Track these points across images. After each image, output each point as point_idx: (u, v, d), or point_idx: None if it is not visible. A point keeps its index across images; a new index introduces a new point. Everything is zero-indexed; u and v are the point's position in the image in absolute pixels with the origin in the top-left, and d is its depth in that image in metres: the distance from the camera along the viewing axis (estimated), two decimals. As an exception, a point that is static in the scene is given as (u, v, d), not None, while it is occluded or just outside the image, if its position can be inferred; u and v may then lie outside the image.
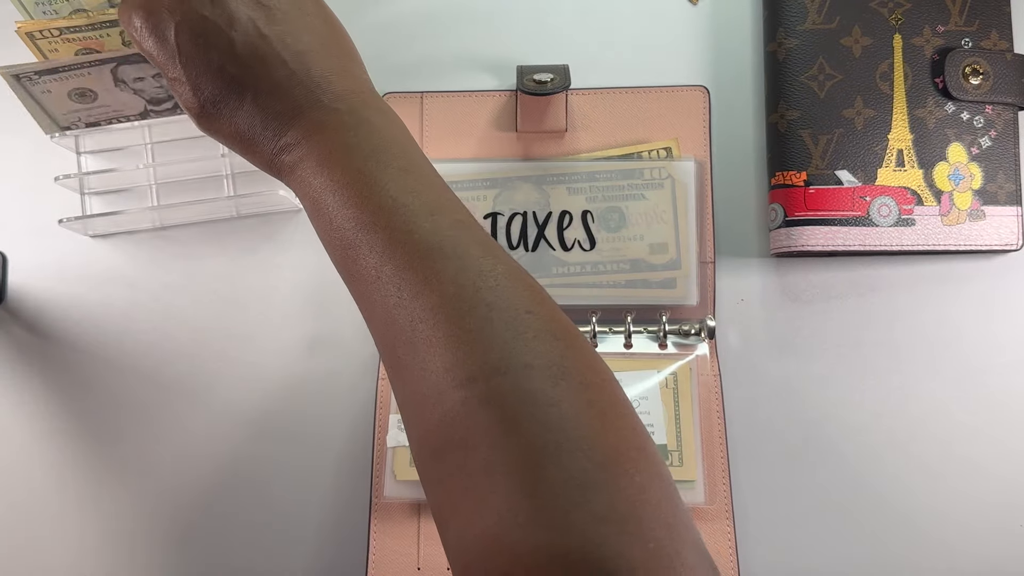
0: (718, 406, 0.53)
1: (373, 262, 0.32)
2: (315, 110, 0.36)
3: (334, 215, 0.34)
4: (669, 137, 0.57)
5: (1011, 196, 0.54)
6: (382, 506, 0.53)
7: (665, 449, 0.51)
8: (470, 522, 0.28)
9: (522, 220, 0.54)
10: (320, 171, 0.34)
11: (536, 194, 0.53)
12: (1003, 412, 0.54)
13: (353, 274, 0.34)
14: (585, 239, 0.54)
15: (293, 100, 0.36)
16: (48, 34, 0.53)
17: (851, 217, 0.54)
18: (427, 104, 0.58)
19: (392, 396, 0.53)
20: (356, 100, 0.37)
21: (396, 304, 0.31)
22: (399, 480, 0.52)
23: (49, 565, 0.55)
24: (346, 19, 0.41)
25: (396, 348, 0.32)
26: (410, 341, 0.31)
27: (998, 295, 0.56)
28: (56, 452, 0.56)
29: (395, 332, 0.32)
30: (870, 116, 0.54)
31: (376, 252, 0.32)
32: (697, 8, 0.60)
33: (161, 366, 0.57)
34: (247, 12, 0.36)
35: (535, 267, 0.53)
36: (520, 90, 0.56)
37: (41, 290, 0.58)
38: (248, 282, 0.58)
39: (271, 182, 0.58)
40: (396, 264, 0.32)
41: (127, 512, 0.55)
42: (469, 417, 0.28)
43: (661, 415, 0.52)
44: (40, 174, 0.58)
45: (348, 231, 0.33)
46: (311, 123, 0.35)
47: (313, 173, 0.35)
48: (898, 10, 0.55)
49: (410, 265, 0.31)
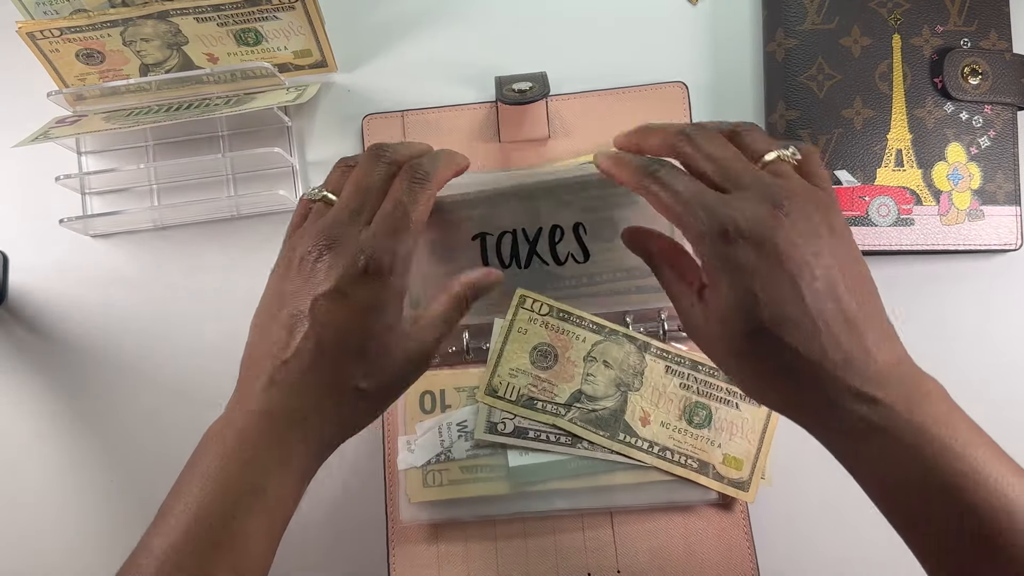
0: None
1: None
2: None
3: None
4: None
5: (1010, 196, 0.55)
6: (399, 531, 0.52)
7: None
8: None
9: (512, 238, 0.52)
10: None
11: (523, 210, 0.51)
12: (1003, 412, 0.54)
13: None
14: (579, 251, 0.52)
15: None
16: (48, 34, 0.53)
17: (850, 217, 0.54)
18: (408, 122, 0.58)
19: (400, 417, 0.53)
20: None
21: None
22: (413, 503, 0.51)
23: (49, 565, 0.55)
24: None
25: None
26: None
27: (997, 295, 0.56)
28: (56, 452, 0.56)
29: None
30: (869, 116, 0.55)
31: None
32: (697, 8, 0.60)
33: (161, 366, 0.57)
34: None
35: (530, 284, 0.53)
36: (500, 100, 0.56)
37: (41, 290, 0.58)
38: (248, 282, 0.57)
39: (271, 182, 0.59)
40: None
41: (127, 513, 0.55)
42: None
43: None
44: (40, 174, 0.58)
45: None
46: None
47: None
48: (897, 10, 0.55)
49: None
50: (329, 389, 0.36)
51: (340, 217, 0.38)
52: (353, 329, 0.36)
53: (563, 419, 0.51)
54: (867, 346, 0.33)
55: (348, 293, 0.36)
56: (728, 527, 0.52)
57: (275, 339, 0.37)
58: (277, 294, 0.38)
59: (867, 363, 0.33)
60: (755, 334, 0.34)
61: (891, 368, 0.33)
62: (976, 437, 0.32)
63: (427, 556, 0.52)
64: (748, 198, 0.34)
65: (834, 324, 0.33)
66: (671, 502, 0.52)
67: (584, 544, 0.52)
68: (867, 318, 0.34)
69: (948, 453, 0.31)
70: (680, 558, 0.51)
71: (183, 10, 0.53)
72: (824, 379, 0.33)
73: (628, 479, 0.51)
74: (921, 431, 0.32)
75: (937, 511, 0.31)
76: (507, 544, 0.52)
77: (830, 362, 0.33)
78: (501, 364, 0.52)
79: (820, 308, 0.33)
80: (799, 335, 0.33)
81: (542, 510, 0.52)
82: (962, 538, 0.31)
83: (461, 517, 0.52)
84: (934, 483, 0.31)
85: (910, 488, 0.32)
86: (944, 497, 0.31)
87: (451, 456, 0.52)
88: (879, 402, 0.32)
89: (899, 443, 0.32)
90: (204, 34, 0.55)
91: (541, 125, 0.57)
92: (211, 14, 0.53)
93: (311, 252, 0.37)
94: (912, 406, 0.32)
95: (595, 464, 0.51)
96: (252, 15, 0.54)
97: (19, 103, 0.60)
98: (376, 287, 0.36)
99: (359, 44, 0.60)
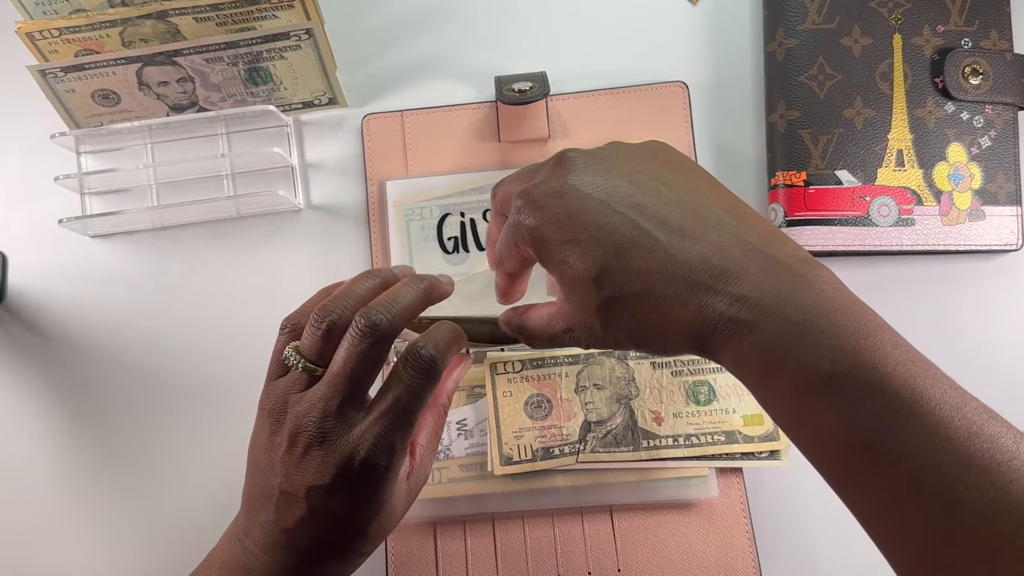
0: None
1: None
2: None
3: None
4: (651, 134, 0.57)
5: (1011, 196, 0.54)
6: (398, 528, 0.52)
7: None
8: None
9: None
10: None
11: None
12: (1003, 412, 0.54)
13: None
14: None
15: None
16: (48, 34, 0.53)
17: (851, 217, 0.54)
18: (408, 122, 0.58)
19: None
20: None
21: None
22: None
23: (49, 565, 0.55)
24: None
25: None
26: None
27: (998, 295, 0.56)
28: (56, 452, 0.56)
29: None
30: (870, 116, 0.54)
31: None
32: (697, 8, 0.60)
33: (161, 366, 0.57)
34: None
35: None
36: (500, 100, 0.56)
37: (41, 290, 0.58)
38: (248, 282, 0.58)
39: (271, 182, 0.59)
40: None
41: (127, 512, 0.55)
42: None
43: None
44: (40, 174, 0.58)
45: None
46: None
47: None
48: (898, 10, 0.55)
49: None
50: (331, 556, 0.37)
51: (329, 408, 0.35)
52: (350, 520, 0.36)
53: (584, 453, 0.51)
54: (704, 241, 0.30)
55: (344, 489, 0.35)
56: (729, 524, 0.52)
57: (273, 504, 0.36)
58: (268, 457, 0.37)
59: (707, 257, 0.30)
60: (597, 280, 0.32)
61: (744, 258, 0.30)
62: (855, 320, 0.29)
63: (426, 553, 0.52)
64: (514, 206, 0.35)
65: (648, 236, 0.31)
66: (672, 499, 0.52)
67: (584, 542, 0.52)
68: (684, 214, 0.31)
69: (832, 341, 0.28)
70: (681, 556, 0.51)
71: (182, 10, 0.53)
72: (679, 288, 0.30)
73: (629, 476, 0.51)
74: (791, 323, 0.28)
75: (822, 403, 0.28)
76: (507, 542, 0.52)
77: (675, 267, 0.30)
78: (502, 432, 0.52)
79: (624, 230, 0.31)
80: (625, 261, 0.31)
81: (542, 508, 0.52)
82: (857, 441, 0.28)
83: (460, 514, 0.52)
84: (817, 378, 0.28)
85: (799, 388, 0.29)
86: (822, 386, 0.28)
87: (450, 454, 0.52)
88: (743, 298, 0.29)
89: (772, 338, 0.29)
90: (203, 34, 0.55)
91: (541, 125, 0.57)
92: (210, 13, 0.53)
93: (300, 437, 0.35)
94: (781, 294, 0.29)
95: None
96: (251, 14, 0.54)
97: (19, 103, 0.60)
98: (373, 480, 0.35)
99: (359, 44, 0.60)
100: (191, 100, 0.57)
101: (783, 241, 0.31)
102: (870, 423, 0.27)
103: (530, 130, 0.57)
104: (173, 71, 0.55)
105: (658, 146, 0.36)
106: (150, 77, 0.55)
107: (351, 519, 0.36)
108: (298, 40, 0.54)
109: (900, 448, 0.27)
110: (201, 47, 0.54)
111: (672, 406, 0.52)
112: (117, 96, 0.56)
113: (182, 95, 0.57)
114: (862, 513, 0.29)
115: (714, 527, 0.52)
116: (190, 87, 0.56)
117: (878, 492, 0.28)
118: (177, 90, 0.57)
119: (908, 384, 0.27)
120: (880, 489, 0.28)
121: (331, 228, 0.58)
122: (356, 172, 0.58)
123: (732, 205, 0.33)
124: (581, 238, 0.32)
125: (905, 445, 0.27)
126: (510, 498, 0.52)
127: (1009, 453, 0.26)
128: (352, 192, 0.58)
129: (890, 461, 0.27)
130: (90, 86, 0.55)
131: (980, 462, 0.26)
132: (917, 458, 0.27)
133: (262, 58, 0.55)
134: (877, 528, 0.29)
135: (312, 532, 0.36)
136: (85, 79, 0.55)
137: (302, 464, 0.35)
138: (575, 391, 0.53)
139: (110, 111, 0.57)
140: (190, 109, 0.58)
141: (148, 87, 0.56)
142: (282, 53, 0.55)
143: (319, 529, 0.36)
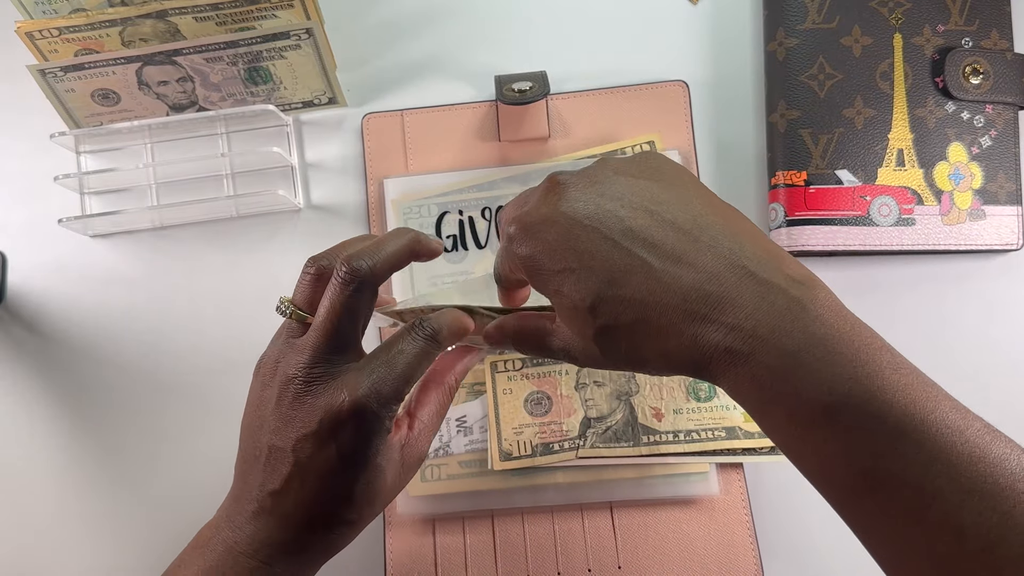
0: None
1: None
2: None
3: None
4: (652, 133, 0.57)
5: (1011, 196, 0.54)
6: (397, 524, 0.53)
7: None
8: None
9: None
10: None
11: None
12: (1003, 412, 0.54)
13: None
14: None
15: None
16: (47, 34, 0.53)
17: (851, 217, 0.54)
18: (408, 121, 0.58)
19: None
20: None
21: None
22: (412, 496, 0.52)
23: (49, 565, 0.55)
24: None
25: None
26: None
27: (998, 295, 0.56)
28: (56, 452, 0.56)
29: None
30: (870, 116, 0.54)
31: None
32: (697, 8, 0.60)
33: (161, 366, 0.57)
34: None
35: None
36: (500, 100, 0.56)
37: (41, 290, 0.58)
38: (248, 282, 0.58)
39: (271, 182, 0.59)
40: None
41: (127, 511, 0.55)
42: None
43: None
44: (40, 174, 0.58)
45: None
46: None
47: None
48: (898, 10, 0.55)
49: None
50: (317, 524, 0.36)
51: (316, 355, 0.35)
52: (337, 475, 0.35)
53: (584, 449, 0.51)
54: (698, 267, 0.30)
55: (330, 438, 0.35)
56: (730, 521, 0.52)
57: (262, 464, 0.36)
58: (259, 414, 0.37)
59: (701, 285, 0.30)
60: (592, 309, 0.31)
61: (739, 284, 0.30)
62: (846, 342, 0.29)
63: (425, 549, 0.52)
64: (506, 234, 0.35)
65: (642, 263, 0.31)
66: (673, 495, 0.52)
67: (584, 539, 0.52)
68: (678, 237, 0.31)
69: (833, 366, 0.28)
70: (682, 552, 0.51)
71: (182, 9, 0.53)
72: (673, 318, 0.30)
73: (629, 472, 0.51)
74: (786, 354, 0.28)
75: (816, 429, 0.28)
76: (506, 539, 0.52)
77: (669, 296, 0.30)
78: (502, 428, 0.52)
79: (617, 258, 0.31)
80: (619, 290, 0.31)
81: (542, 504, 0.52)
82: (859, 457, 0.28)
83: (459, 511, 0.52)
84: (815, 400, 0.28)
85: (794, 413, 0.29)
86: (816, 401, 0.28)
87: (449, 451, 0.52)
88: (737, 327, 0.29)
89: (768, 368, 0.28)
90: (203, 33, 0.55)
91: (541, 124, 0.57)
92: (210, 13, 0.53)
93: (288, 385, 0.35)
94: (775, 322, 0.29)
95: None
96: (251, 14, 0.54)
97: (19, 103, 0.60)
98: (360, 427, 0.35)
99: (359, 44, 0.60)
100: (191, 100, 0.57)
101: (779, 259, 0.31)
102: (870, 452, 0.27)
103: (530, 129, 0.57)
104: (173, 71, 0.55)
105: (649, 159, 0.35)
106: (150, 77, 0.55)
107: (338, 476, 0.35)
108: (298, 40, 0.54)
109: (901, 476, 0.27)
110: (201, 47, 0.53)
111: (672, 402, 0.52)
112: (117, 96, 0.56)
113: (182, 95, 0.57)
114: (866, 537, 0.29)
115: (715, 523, 0.52)
116: (190, 87, 0.56)
117: (880, 519, 0.28)
118: (177, 90, 0.57)
119: (908, 411, 0.27)
120: (882, 516, 0.28)
121: (331, 228, 0.58)
122: (356, 172, 0.58)
123: (727, 220, 0.32)
124: (574, 267, 0.32)
125: (906, 473, 0.27)
126: (509, 494, 0.52)
127: (1013, 476, 0.26)
128: (352, 192, 0.58)
129: (892, 488, 0.27)
130: (90, 86, 0.55)
131: (983, 487, 0.26)
132: (919, 486, 0.26)
133: (262, 58, 0.55)
134: (881, 552, 0.29)
135: (298, 493, 0.35)
136: (85, 79, 0.55)
137: (291, 414, 0.35)
138: (575, 388, 0.53)
139: (110, 111, 0.57)
140: (190, 109, 0.58)
141: (148, 87, 0.56)
142: (282, 53, 0.55)
143: (305, 490, 0.35)
